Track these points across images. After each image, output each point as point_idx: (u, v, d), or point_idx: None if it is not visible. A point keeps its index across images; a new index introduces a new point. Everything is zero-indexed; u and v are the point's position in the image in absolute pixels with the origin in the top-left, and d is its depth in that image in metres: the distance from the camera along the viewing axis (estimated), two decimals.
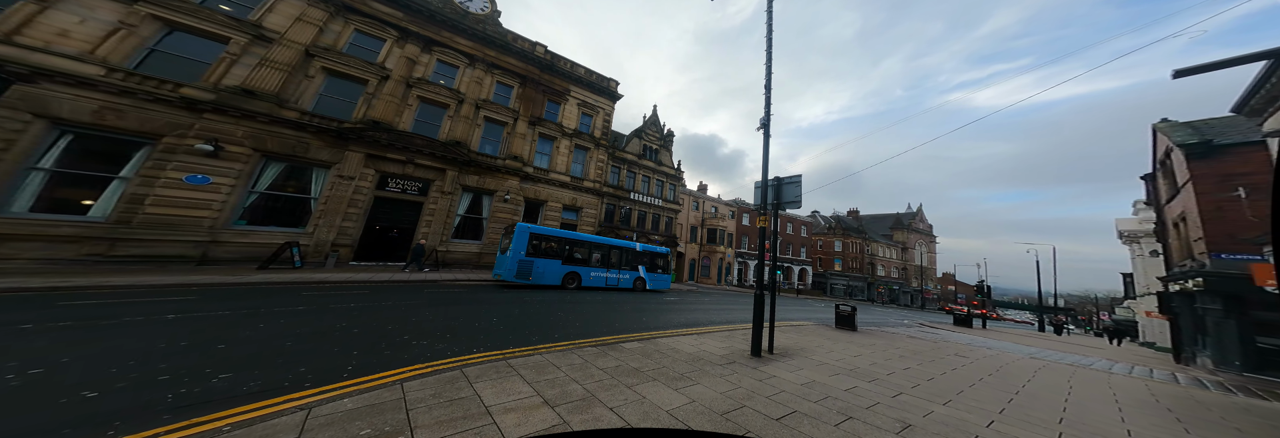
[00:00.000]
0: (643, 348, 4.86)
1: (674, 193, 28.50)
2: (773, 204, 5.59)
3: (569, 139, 21.02)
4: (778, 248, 41.46)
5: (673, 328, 7.07)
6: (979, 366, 6.37)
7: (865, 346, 7.14)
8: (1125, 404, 4.77)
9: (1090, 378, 6.22)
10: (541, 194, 19.18)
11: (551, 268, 12.86)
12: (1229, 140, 10.75)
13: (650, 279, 16.71)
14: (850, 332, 8.51)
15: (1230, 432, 3.97)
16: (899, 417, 2.89)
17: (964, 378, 5.14)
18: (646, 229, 25.52)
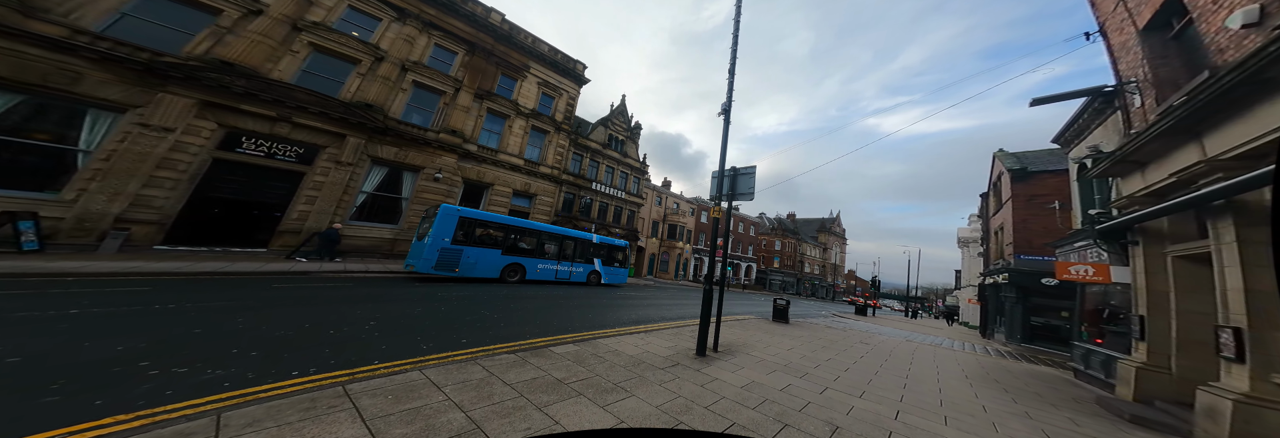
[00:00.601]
0: (577, 352, 4.19)
1: (638, 186, 27.27)
2: (727, 195, 5.31)
3: (526, 119, 18.62)
4: (729, 245, 43.28)
5: (621, 326, 6.52)
6: (877, 351, 7.35)
7: (796, 338, 7.48)
8: (973, 379, 5.82)
9: (945, 357, 7.94)
10: (486, 176, 16.58)
11: (487, 258, 11.03)
12: (1038, 168, 13.95)
13: (606, 273, 15.54)
14: (784, 324, 9.45)
15: (1031, 395, 5.22)
16: (828, 418, 2.97)
17: (870, 366, 5.69)
18: (607, 222, 23.97)
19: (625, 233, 24.59)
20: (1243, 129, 3.74)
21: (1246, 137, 3.69)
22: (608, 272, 15.67)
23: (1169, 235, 5.20)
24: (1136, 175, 5.52)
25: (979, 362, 7.72)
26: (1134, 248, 5.58)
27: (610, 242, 16.07)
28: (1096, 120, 7.83)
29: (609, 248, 15.91)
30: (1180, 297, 4.96)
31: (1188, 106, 4.16)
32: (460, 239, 10.43)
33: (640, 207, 27.47)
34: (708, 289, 4.89)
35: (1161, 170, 4.91)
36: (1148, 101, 5.87)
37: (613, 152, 25.13)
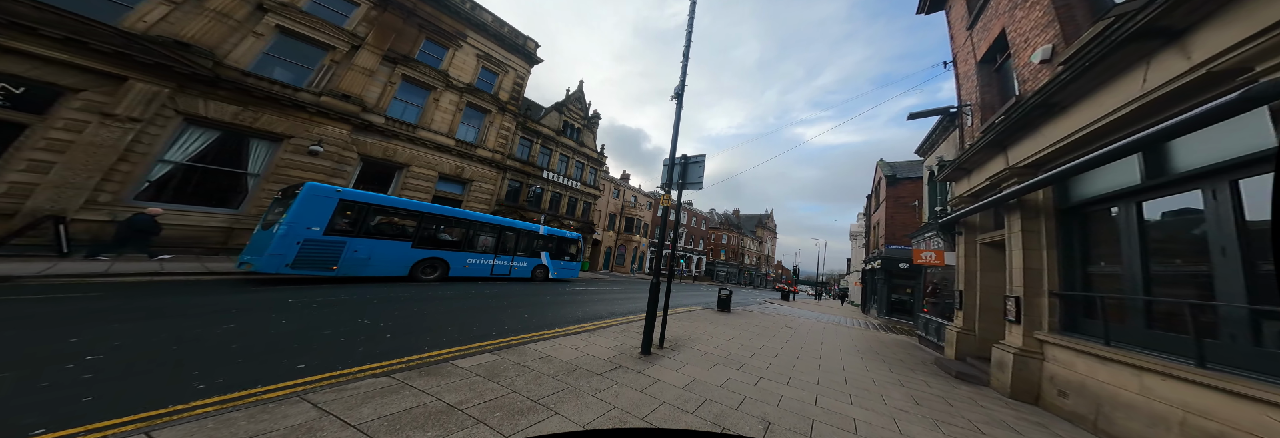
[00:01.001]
0: (493, 363, 3.46)
1: (594, 178, 25.65)
2: (677, 184, 5.08)
3: (459, 94, 15.82)
4: (681, 239, 44.67)
5: (564, 325, 5.92)
6: (797, 334, 7.76)
7: (736, 327, 7.64)
8: (862, 353, 6.42)
9: (842, 335, 8.92)
10: (399, 155, 13.67)
11: (388, 252, 8.85)
12: (904, 175, 16.59)
13: (555, 267, 14.25)
14: (727, 314, 9.85)
15: (899, 362, 5.99)
16: (762, 414, 2.94)
17: (793, 351, 5.83)
18: (560, 213, 22.15)
19: (580, 225, 23.15)
20: (1033, 143, 4.73)
21: (1034, 149, 4.67)
22: (557, 266, 14.36)
23: (979, 227, 6.50)
24: (965, 180, 6.77)
25: (863, 336, 8.91)
26: (959, 237, 6.89)
27: (561, 234, 14.77)
28: (944, 136, 9.47)
29: (559, 241, 14.62)
30: (983, 275, 6.25)
31: (1000, 126, 5.15)
32: (342, 228, 8.04)
33: (597, 199, 25.95)
34: (655, 283, 4.53)
35: (980, 176, 6.06)
36: (975, 121, 7.22)
37: (568, 139, 23.06)
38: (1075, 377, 3.78)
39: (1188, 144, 3.15)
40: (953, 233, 7.09)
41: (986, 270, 6.25)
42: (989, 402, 4.15)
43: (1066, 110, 4.17)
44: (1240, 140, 2.74)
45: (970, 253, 6.54)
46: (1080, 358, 3.75)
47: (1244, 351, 2.61)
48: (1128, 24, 3.09)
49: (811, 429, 2.70)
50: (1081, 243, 4.31)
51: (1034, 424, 3.53)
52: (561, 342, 4.58)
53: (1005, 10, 6.22)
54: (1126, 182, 3.66)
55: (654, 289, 4.55)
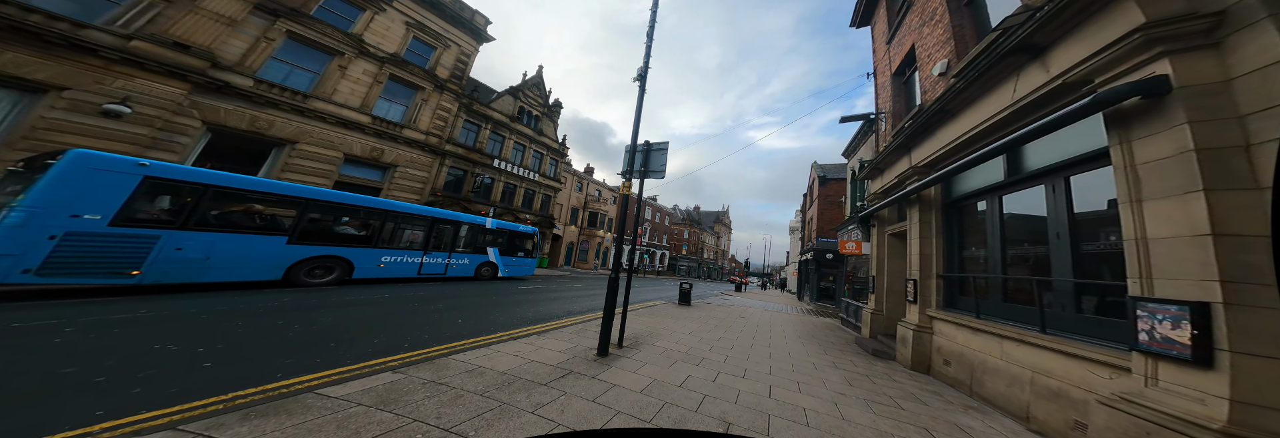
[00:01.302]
0: (391, 386, 2.70)
1: (555, 170, 23.81)
2: (639, 172, 4.73)
3: (378, 65, 13.29)
4: (647, 234, 45.07)
5: (508, 329, 5.21)
6: (750, 324, 7.93)
7: (695, 320, 7.62)
8: (803, 338, 6.64)
9: (785, 321, 9.33)
10: (281, 129, 10.71)
11: (246, 250, 6.69)
12: (833, 176, 18.01)
13: (506, 264, 12.95)
14: (687, 307, 9.91)
15: (830, 344, 6.28)
16: (721, 413, 2.83)
17: (747, 341, 5.84)
18: (515, 206, 20.32)
19: (538, 219, 21.65)
20: (930, 146, 5.26)
21: (930, 151, 5.20)
22: (508, 262, 13.09)
23: (887, 220, 7.20)
24: (879, 179, 7.43)
25: (799, 322, 9.44)
26: (873, 229, 7.59)
27: (513, 228, 13.46)
28: (864, 140, 10.37)
29: (511, 235, 13.31)
30: (890, 261, 6.95)
31: (906, 131, 5.68)
32: (152, 218, 5.80)
33: (558, 192, 24.25)
34: (614, 278, 4.17)
35: (890, 175, 6.68)
36: (888, 127, 7.95)
37: (524, 127, 21.04)
38: (955, 347, 4.30)
39: (1036, 148, 3.67)
40: (868, 225, 7.79)
41: (892, 257, 6.94)
42: (900, 376, 4.57)
43: (956, 117, 4.67)
44: (1072, 145, 3.23)
45: (881, 243, 7.23)
46: (959, 331, 4.28)
47: (1071, 317, 3.11)
48: (1006, 39, 3.48)
49: (769, 426, 2.66)
50: (959, 232, 4.91)
51: (932, 393, 3.93)
52: (500, 349, 3.97)
53: (916, 27, 6.84)
54: (993, 179, 4.20)
55: (612, 286, 4.14)
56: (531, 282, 13.36)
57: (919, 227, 5.31)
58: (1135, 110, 2.47)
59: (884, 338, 6.40)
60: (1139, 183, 2.40)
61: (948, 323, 4.52)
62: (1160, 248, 2.21)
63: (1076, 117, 2.68)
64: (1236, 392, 1.78)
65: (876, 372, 4.66)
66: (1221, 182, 1.99)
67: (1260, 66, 1.99)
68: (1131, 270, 2.35)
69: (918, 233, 5.32)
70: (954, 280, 4.83)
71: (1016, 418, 3.28)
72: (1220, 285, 1.88)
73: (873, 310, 6.88)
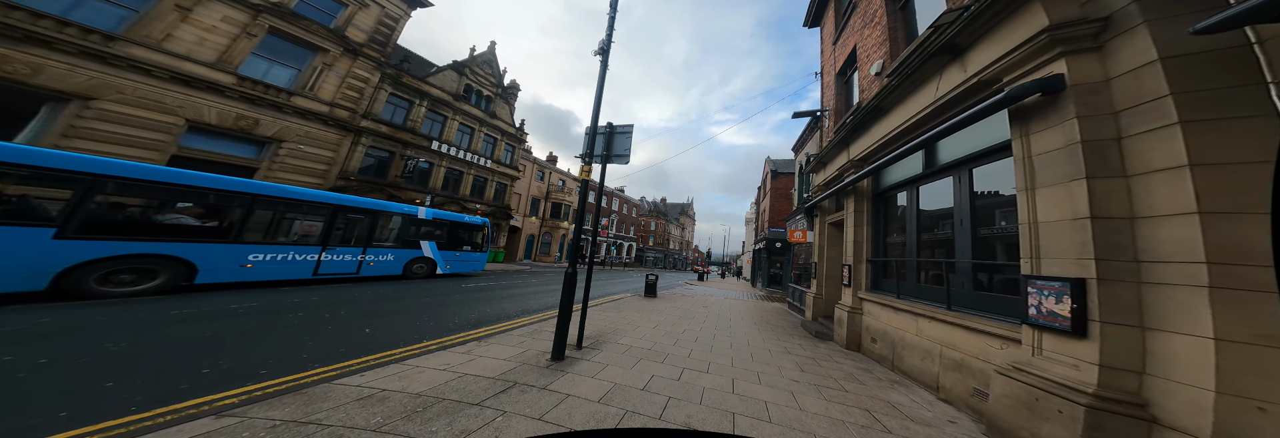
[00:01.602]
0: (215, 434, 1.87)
1: (512, 157, 21.79)
2: (601, 155, 4.24)
3: (249, 13, 10.23)
4: (614, 226, 43.86)
5: (436, 337, 4.33)
6: (712, 313, 7.93)
7: (661, 312, 7.40)
8: (758, 324, 6.75)
9: (742, 308, 9.54)
10: (71, 82, 7.73)
11: None
12: (783, 170, 18.83)
13: (447, 260, 11.24)
14: (653, 299, 9.73)
15: (781, 329, 6.46)
16: (686, 416, 2.64)
17: (710, 332, 5.73)
18: (462, 194, 17.97)
19: (492, 210, 19.73)
20: (865, 141, 5.52)
21: (866, 145, 5.45)
22: (451, 258, 11.36)
23: (828, 210, 7.60)
24: (822, 172, 7.78)
25: (754, 308, 9.72)
26: (816, 219, 7.98)
27: (456, 219, 11.66)
28: (811, 136, 10.84)
29: (454, 227, 11.56)
30: (829, 248, 7.35)
31: (846, 127, 5.92)
32: None
33: (515, 180, 22.32)
34: (571, 273, 3.65)
35: (832, 168, 6.99)
36: (831, 123, 8.31)
37: (473, 108, 18.57)
38: (880, 325, 4.61)
39: (947, 144, 3.95)
40: (812, 216, 8.17)
41: (831, 245, 7.35)
42: (838, 356, 4.80)
43: (888, 113, 4.90)
44: (975, 141, 3.50)
45: (822, 232, 7.61)
46: (883, 310, 4.58)
47: (972, 295, 3.40)
48: (936, 38, 3.64)
49: (734, 425, 2.54)
50: (885, 220, 5.25)
51: (864, 371, 4.15)
52: (421, 363, 3.18)
53: (858, 29, 7.10)
54: (913, 172, 4.49)
55: (569, 281, 3.63)
56: (481, 278, 12.06)
57: (853, 215, 5.60)
58: (1034, 106, 2.66)
59: (824, 320, 6.79)
60: (1034, 172, 2.59)
61: (874, 304, 4.83)
62: (1047, 230, 2.41)
63: (990, 111, 2.84)
64: (1104, 357, 1.98)
65: (820, 354, 4.86)
66: (1099, 170, 2.18)
67: (1134, 67, 2.17)
68: (1024, 251, 2.55)
69: (852, 222, 5.61)
70: (880, 264, 5.16)
71: (929, 389, 3.56)
72: (1095, 263, 2.07)
73: (815, 294, 7.27)
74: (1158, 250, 1.91)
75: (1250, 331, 1.61)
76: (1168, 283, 1.85)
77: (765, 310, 9.46)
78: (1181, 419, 1.72)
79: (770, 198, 19.00)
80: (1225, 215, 1.72)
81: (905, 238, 4.56)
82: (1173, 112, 1.91)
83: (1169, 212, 1.88)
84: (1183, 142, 1.85)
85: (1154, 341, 1.88)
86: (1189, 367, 1.73)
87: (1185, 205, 1.81)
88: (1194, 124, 1.86)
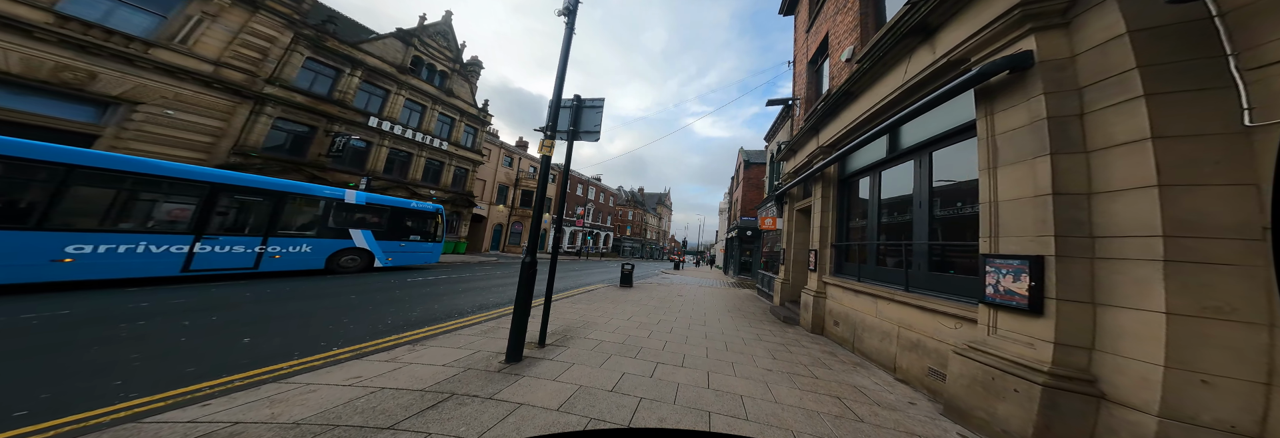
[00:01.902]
0: None
1: (474, 140, 19.86)
2: (568, 131, 3.72)
3: None
4: (590, 215, 42.65)
5: (354, 344, 3.59)
6: (686, 302, 7.75)
7: (637, 303, 7.01)
8: (731, 312, 6.62)
9: (715, 296, 9.49)
10: None
11: None
12: (756, 160, 18.97)
13: (388, 251, 9.79)
14: (629, 289, 9.45)
15: (752, 315, 6.40)
16: (659, 419, 2.37)
17: (685, 322, 5.48)
18: (412, 179, 16.00)
19: (452, 197, 17.95)
20: (834, 127, 5.45)
21: (835, 131, 5.38)
22: (393, 248, 9.89)
23: (796, 197, 7.62)
24: (792, 159, 7.75)
25: (726, 295, 9.74)
26: (785, 206, 8.01)
27: (398, 205, 10.13)
28: (783, 125, 10.83)
29: (397, 214, 10.06)
30: (796, 235, 7.41)
31: (817, 113, 5.83)
32: None
33: (478, 166, 20.29)
34: (528, 262, 3.15)
35: (802, 155, 6.95)
36: (802, 112, 8.27)
37: (424, 84, 16.50)
38: (842, 308, 4.64)
39: (911, 128, 3.91)
40: (781, 203, 8.19)
41: (799, 231, 7.40)
42: (806, 340, 4.79)
43: (858, 98, 4.82)
44: (935, 125, 3.47)
45: (790, 218, 7.64)
46: (845, 294, 4.61)
47: (926, 275, 3.41)
48: (909, 17, 3.51)
49: (710, 424, 2.33)
50: (849, 205, 5.26)
51: (829, 354, 4.15)
52: (317, 378, 2.53)
53: (831, 15, 6.96)
54: (877, 156, 4.46)
55: (528, 271, 3.13)
56: (435, 271, 10.72)
57: (820, 201, 5.58)
58: (1000, 85, 2.58)
59: (790, 305, 6.87)
60: (997, 151, 2.53)
61: (837, 287, 4.86)
62: (1008, 209, 2.36)
63: (959, 90, 2.75)
64: (1059, 335, 1.94)
65: (789, 339, 4.82)
66: (1063, 146, 2.11)
67: (1101, 42, 2.09)
68: (984, 231, 2.51)
69: (819, 207, 5.59)
70: (843, 249, 5.19)
71: (887, 369, 3.59)
72: (1054, 239, 2.02)
73: (782, 280, 7.33)
74: (1114, 225, 1.87)
75: (1198, 304, 1.58)
76: (1121, 258, 1.82)
77: (737, 297, 9.53)
78: (1129, 394, 1.71)
79: (743, 188, 19.17)
80: (1183, 188, 1.67)
81: (867, 222, 4.57)
82: (1138, 84, 1.84)
83: (1128, 186, 1.83)
84: (1146, 114, 1.78)
85: (1105, 317, 1.86)
86: (1138, 342, 1.70)
87: (1145, 179, 1.75)
88: (1157, 97, 1.79)
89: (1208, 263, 1.60)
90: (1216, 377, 1.53)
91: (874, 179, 4.55)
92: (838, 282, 4.78)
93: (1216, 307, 1.56)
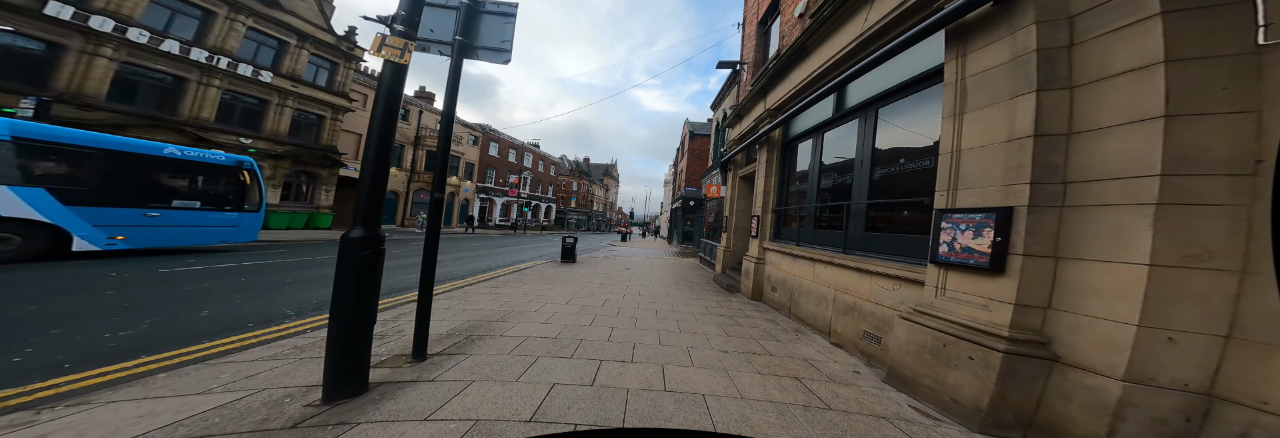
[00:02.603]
0: None
1: (335, 78, 15.05)
2: (455, 42, 2.48)
3: None
4: (526, 185, 38.12)
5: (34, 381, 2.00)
6: (633, 276, 7.09)
7: (579, 281, 6.13)
8: (679, 284, 6.28)
9: (663, 266, 9.16)
10: None
11: None
12: (700, 132, 18.65)
13: (112, 223, 5.99)
14: (572, 265, 8.45)
15: (698, 286, 6.15)
16: None
17: (633, 300, 4.80)
18: (195, 117, 11.08)
19: (294, 151, 13.37)
20: (782, 88, 4.98)
21: (782, 93, 4.93)
22: (132, 220, 6.19)
23: (739, 164, 7.35)
24: (738, 125, 7.32)
25: (674, 265, 9.48)
26: (729, 173, 7.73)
27: (133, 149, 6.27)
28: (729, 92, 10.33)
29: (138, 166, 6.33)
30: (737, 202, 7.22)
31: (765, 75, 5.30)
32: None
33: (341, 113, 15.44)
34: (357, 238, 1.78)
35: (748, 120, 6.51)
36: (749, 76, 7.76)
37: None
38: (780, 274, 4.50)
39: (858, 86, 3.56)
40: (726, 171, 7.89)
41: (740, 198, 7.20)
42: (749, 309, 4.55)
43: (810, 54, 4.33)
44: (885, 80, 3.13)
45: (733, 185, 7.40)
46: (784, 259, 4.45)
47: (863, 236, 3.25)
48: None
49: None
50: (791, 169, 5.02)
51: (771, 322, 3.93)
52: None
53: None
54: (822, 117, 4.13)
55: (354, 250, 1.76)
56: (237, 254, 7.23)
57: (764, 166, 5.26)
58: (978, 20, 2.17)
59: (731, 272, 6.81)
60: (965, 96, 2.18)
61: (775, 252, 4.69)
62: (974, 157, 2.06)
63: (931, 30, 2.32)
64: (1021, 295, 1.70)
65: (735, 310, 4.50)
66: (1049, 82, 1.77)
67: None
68: (941, 184, 2.22)
69: (763, 172, 5.28)
70: (782, 214, 5.00)
71: (821, 333, 3.49)
72: (1029, 188, 1.73)
73: (724, 248, 7.21)
74: (1096, 168, 1.59)
75: (1182, 252, 1.37)
76: (1101, 205, 1.56)
77: (682, 267, 9.36)
78: (1089, 357, 1.52)
79: (687, 159, 18.91)
80: (1189, 119, 1.39)
81: (807, 185, 4.34)
82: (1156, 2, 1.47)
83: (1123, 121, 1.53)
84: (1162, 34, 1.44)
85: (1068, 272, 1.64)
86: (1108, 299, 1.49)
87: (1148, 110, 1.45)
88: (1173, 15, 1.45)
89: (1198, 204, 1.37)
90: (1183, 333, 1.36)
91: (817, 142, 4.26)
92: (777, 247, 4.60)
93: (1197, 254, 1.35)
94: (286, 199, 14.02)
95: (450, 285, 5.37)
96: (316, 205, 14.96)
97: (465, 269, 7.39)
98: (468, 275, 6.57)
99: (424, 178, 22.74)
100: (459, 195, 26.38)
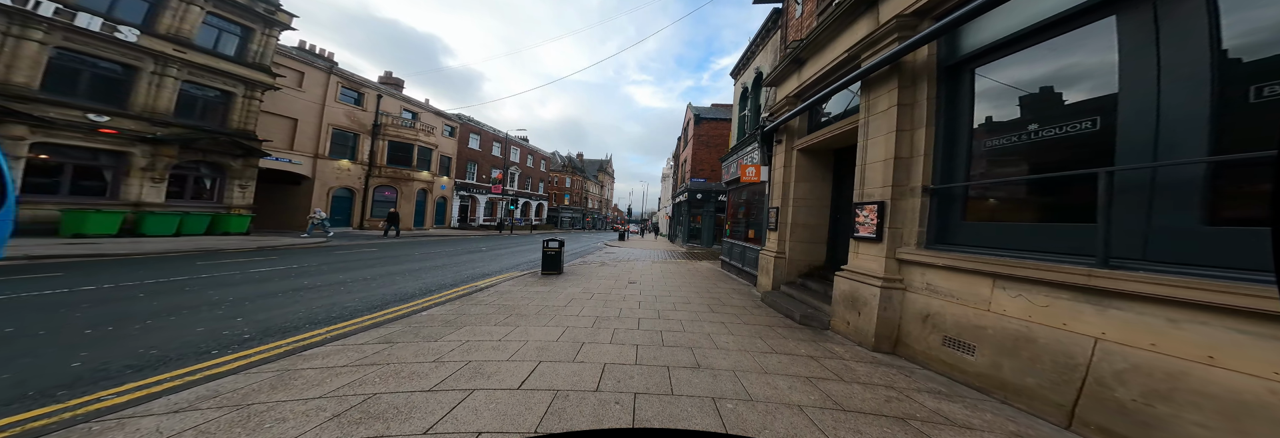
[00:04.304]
0: None
1: (249, 47, 11.92)
2: None
3: None
4: (514, 181, 34.46)
5: None
6: (643, 294, 4.97)
7: (555, 319, 3.53)
8: (717, 312, 3.99)
9: (678, 274, 7.21)
10: None
11: None
12: (706, 117, 16.33)
13: None
14: (556, 277, 6.13)
15: (743, 313, 4.06)
16: None
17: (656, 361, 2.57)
18: (16, 85, 7.89)
19: (185, 134, 10.31)
20: None
21: None
22: None
23: (798, 131, 5.04)
24: (794, 76, 4.99)
25: (691, 274, 7.28)
26: (778, 146, 5.41)
27: None
28: (761, 46, 7.97)
29: None
30: (796, 185, 4.90)
31: None
32: None
33: (261, 90, 12.24)
34: None
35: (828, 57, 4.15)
36: (809, 6, 5.43)
37: None
38: (962, 313, 2.25)
39: None
40: (771, 143, 5.57)
41: (800, 181, 4.92)
42: (865, 368, 2.43)
43: None
44: None
45: (788, 163, 5.08)
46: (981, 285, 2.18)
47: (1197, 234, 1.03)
48: None
49: None
50: (960, 116, 2.69)
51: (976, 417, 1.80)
52: None
53: None
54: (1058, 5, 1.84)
55: None
56: None
57: (887, 113, 2.93)
58: None
59: (788, 289, 4.56)
60: None
61: (944, 270, 2.42)
62: None
63: None
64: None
65: (839, 367, 2.42)
66: None
67: None
68: None
69: (883, 126, 2.96)
70: (953, 196, 2.68)
71: None
72: None
73: (776, 254, 4.92)
74: None
75: None
76: None
77: (702, 276, 7.10)
78: None
79: (692, 146, 16.57)
80: None
81: (1018, 140, 2.05)
82: None
83: None
84: None
85: None
86: None
87: None
88: None
89: None
90: None
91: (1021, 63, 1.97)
92: (953, 260, 2.33)
93: None
94: (178, 197, 10.75)
95: (263, 348, 2.65)
96: (227, 205, 11.54)
97: (374, 296, 4.47)
98: (359, 312, 3.72)
99: (387, 172, 19.26)
100: (433, 193, 23.09)
